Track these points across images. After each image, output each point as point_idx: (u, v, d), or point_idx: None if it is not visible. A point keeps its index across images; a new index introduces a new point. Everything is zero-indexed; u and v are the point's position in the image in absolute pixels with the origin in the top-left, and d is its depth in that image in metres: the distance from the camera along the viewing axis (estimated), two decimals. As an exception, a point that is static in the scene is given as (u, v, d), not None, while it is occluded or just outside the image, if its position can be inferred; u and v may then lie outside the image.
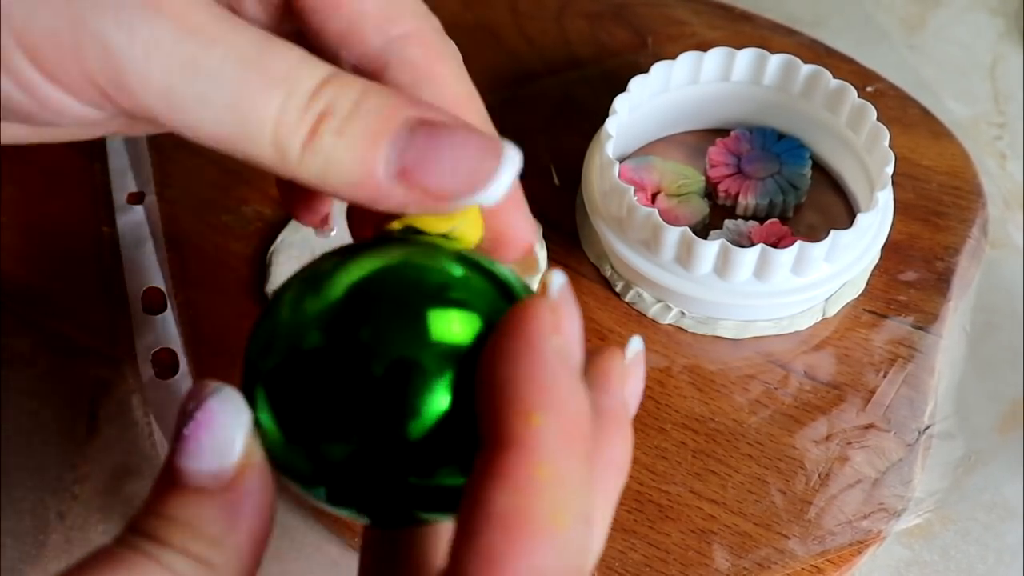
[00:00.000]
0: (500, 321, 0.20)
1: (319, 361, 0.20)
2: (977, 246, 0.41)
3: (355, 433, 0.20)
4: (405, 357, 0.20)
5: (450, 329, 0.20)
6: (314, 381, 0.20)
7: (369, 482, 0.20)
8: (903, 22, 0.51)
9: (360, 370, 0.20)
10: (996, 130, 0.47)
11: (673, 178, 0.42)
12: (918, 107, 0.45)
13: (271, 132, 0.21)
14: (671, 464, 0.36)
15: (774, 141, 0.43)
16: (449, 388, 0.20)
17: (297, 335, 0.21)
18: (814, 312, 0.39)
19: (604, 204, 0.39)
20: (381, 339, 0.20)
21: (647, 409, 0.37)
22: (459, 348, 0.20)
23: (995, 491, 0.37)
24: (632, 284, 0.39)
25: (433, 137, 0.21)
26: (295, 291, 0.22)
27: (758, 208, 0.41)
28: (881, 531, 0.34)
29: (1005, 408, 0.39)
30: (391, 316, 0.20)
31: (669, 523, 0.35)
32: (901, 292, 0.40)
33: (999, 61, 0.49)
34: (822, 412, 0.37)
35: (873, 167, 0.39)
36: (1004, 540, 0.36)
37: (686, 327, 0.39)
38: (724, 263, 0.36)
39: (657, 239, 0.36)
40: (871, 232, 0.38)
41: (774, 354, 0.39)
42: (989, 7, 0.52)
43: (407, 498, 0.21)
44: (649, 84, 0.40)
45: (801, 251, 0.36)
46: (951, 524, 0.36)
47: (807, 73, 0.40)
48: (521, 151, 0.22)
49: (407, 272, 0.21)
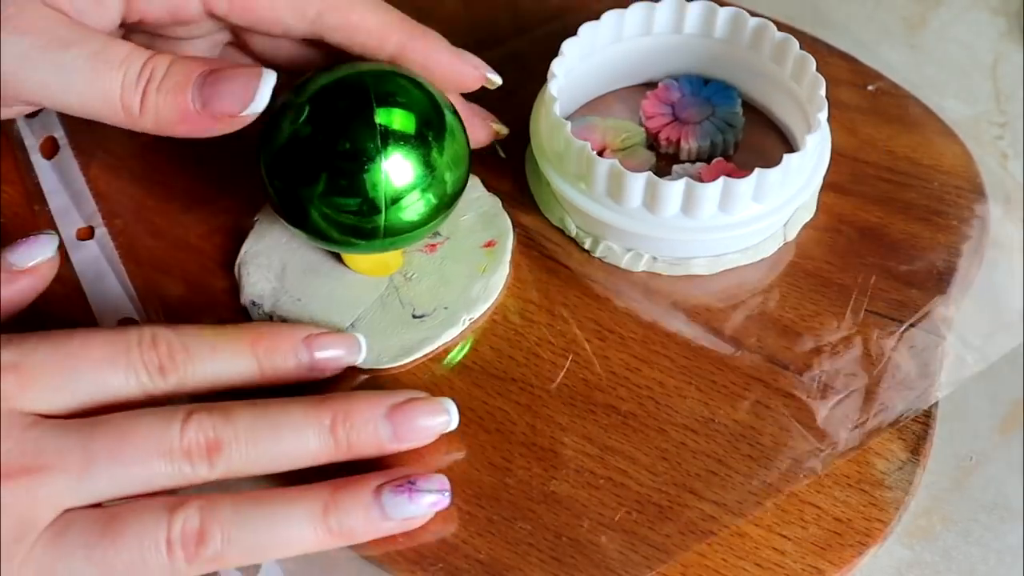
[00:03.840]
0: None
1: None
2: (978, 246, 0.41)
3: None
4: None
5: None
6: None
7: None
8: (904, 21, 0.51)
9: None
10: (997, 129, 0.47)
11: (615, 134, 0.44)
12: (919, 106, 0.45)
13: (118, 99, 0.33)
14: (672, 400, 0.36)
15: (701, 86, 0.45)
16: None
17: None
18: (776, 238, 0.41)
19: (559, 162, 0.40)
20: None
21: (648, 410, 0.37)
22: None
23: (996, 491, 0.37)
24: (600, 238, 0.40)
25: (217, 80, 0.34)
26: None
27: (700, 150, 0.43)
28: (886, 429, 0.36)
29: (1005, 408, 0.39)
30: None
31: (668, 524, 0.35)
32: (901, 291, 0.40)
33: (1000, 60, 0.49)
34: (806, 329, 0.38)
35: (812, 113, 0.40)
36: (1005, 541, 0.36)
37: (660, 271, 0.40)
38: (659, 196, 0.38)
39: (590, 172, 0.38)
40: (811, 162, 0.40)
41: (748, 282, 0.40)
42: (990, 6, 0.52)
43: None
44: (600, 33, 0.42)
45: (760, 177, 0.37)
46: (952, 525, 0.36)
47: (754, 26, 0.42)
48: (276, 72, 0.35)
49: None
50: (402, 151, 0.35)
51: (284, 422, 0.32)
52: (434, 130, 0.35)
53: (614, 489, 0.35)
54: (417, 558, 0.34)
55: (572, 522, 0.34)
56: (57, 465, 0.29)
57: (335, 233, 0.36)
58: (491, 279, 0.39)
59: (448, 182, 0.36)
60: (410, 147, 0.35)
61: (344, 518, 0.32)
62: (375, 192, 0.34)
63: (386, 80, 0.35)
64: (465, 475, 0.35)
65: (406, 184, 0.35)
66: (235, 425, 0.31)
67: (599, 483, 0.35)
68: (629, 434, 0.36)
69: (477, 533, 0.34)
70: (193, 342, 0.33)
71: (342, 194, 0.35)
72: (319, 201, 0.35)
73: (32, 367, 0.31)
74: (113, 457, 0.30)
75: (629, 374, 0.38)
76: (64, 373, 0.31)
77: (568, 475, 0.35)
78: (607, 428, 0.36)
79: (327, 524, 0.31)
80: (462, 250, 0.40)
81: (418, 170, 0.35)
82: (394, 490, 0.32)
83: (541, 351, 0.38)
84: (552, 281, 0.40)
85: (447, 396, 0.36)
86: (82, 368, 0.31)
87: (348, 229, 0.35)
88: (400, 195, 0.35)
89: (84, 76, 0.33)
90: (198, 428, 0.31)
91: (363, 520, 0.32)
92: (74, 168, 0.43)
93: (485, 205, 0.42)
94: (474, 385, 0.38)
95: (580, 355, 0.38)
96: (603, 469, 0.36)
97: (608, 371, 0.38)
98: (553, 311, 0.39)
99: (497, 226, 0.41)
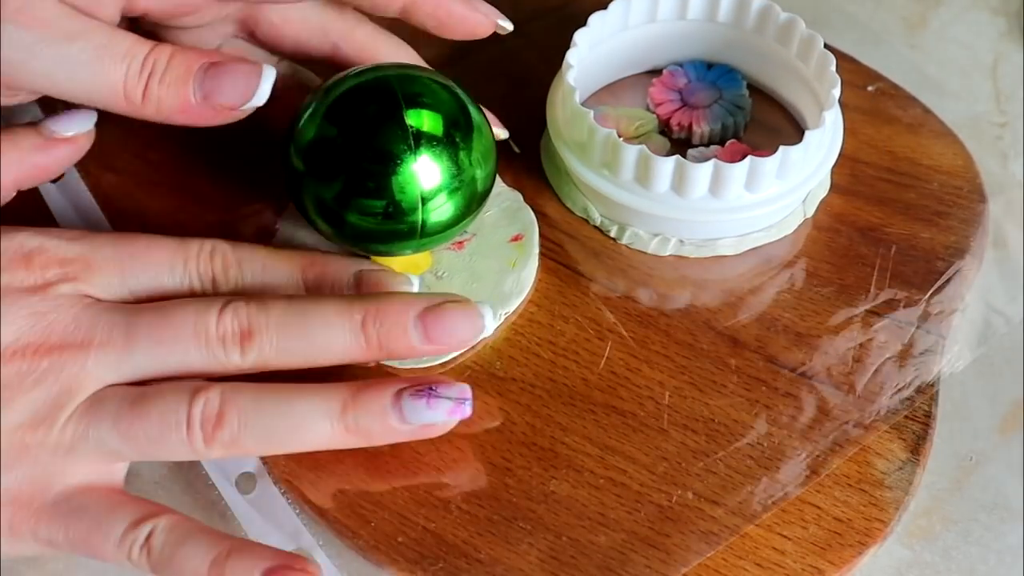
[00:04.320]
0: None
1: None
2: (978, 246, 0.41)
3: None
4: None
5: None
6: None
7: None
8: (904, 21, 0.51)
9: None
10: (997, 129, 0.47)
11: (629, 122, 0.44)
12: (919, 106, 0.45)
13: (122, 90, 0.34)
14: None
15: (705, 71, 0.45)
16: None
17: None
18: (797, 214, 0.41)
19: (581, 151, 0.40)
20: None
21: (648, 410, 0.37)
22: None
23: (996, 491, 0.37)
24: (626, 225, 0.41)
25: (219, 72, 0.35)
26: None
27: (712, 133, 0.43)
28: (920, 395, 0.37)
29: (1005, 408, 0.39)
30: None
31: (668, 524, 0.35)
32: (902, 292, 0.40)
33: (1000, 60, 0.49)
34: (806, 329, 0.39)
35: (821, 91, 0.41)
36: (1005, 541, 0.36)
37: (687, 254, 0.41)
38: (682, 179, 0.39)
39: (616, 159, 0.39)
40: (828, 138, 0.41)
41: (774, 258, 0.41)
42: (990, 6, 0.52)
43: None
44: (608, 21, 0.42)
45: (784, 155, 0.38)
46: (952, 525, 0.36)
47: (759, 8, 0.43)
48: (276, 70, 0.36)
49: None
50: (432, 152, 0.35)
51: (316, 316, 0.33)
52: (462, 130, 0.36)
53: (614, 489, 0.35)
54: (417, 558, 0.34)
55: (572, 522, 0.34)
56: (106, 342, 0.32)
57: (369, 236, 0.36)
58: (522, 272, 0.40)
59: (478, 179, 0.36)
60: (440, 147, 0.35)
61: (362, 417, 0.32)
62: (409, 194, 0.35)
63: (411, 82, 0.36)
64: (465, 475, 0.36)
65: (438, 184, 0.35)
66: (268, 315, 0.33)
67: (599, 483, 0.35)
68: (629, 434, 0.36)
69: (477, 533, 0.34)
70: (247, 257, 0.35)
71: (375, 197, 0.35)
72: (352, 205, 0.35)
73: (99, 260, 0.34)
74: (153, 337, 0.32)
75: (629, 374, 0.38)
76: (125, 270, 0.34)
77: (568, 475, 0.35)
78: (607, 428, 0.36)
79: (344, 421, 0.32)
80: (490, 246, 0.40)
81: (449, 170, 0.35)
82: (414, 394, 0.33)
83: (541, 351, 0.38)
84: (552, 281, 0.40)
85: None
86: (142, 267, 0.34)
87: (382, 232, 0.35)
88: (432, 196, 0.35)
89: (89, 68, 0.34)
90: (234, 315, 0.32)
91: (380, 421, 0.33)
92: (82, 189, 0.43)
93: (507, 200, 0.42)
94: (474, 385, 0.37)
95: (580, 355, 0.38)
96: (603, 469, 0.36)
97: (608, 371, 0.38)
98: (553, 311, 0.39)
99: (521, 220, 0.41)
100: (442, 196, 0.35)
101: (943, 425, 0.37)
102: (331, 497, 0.35)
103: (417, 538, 0.34)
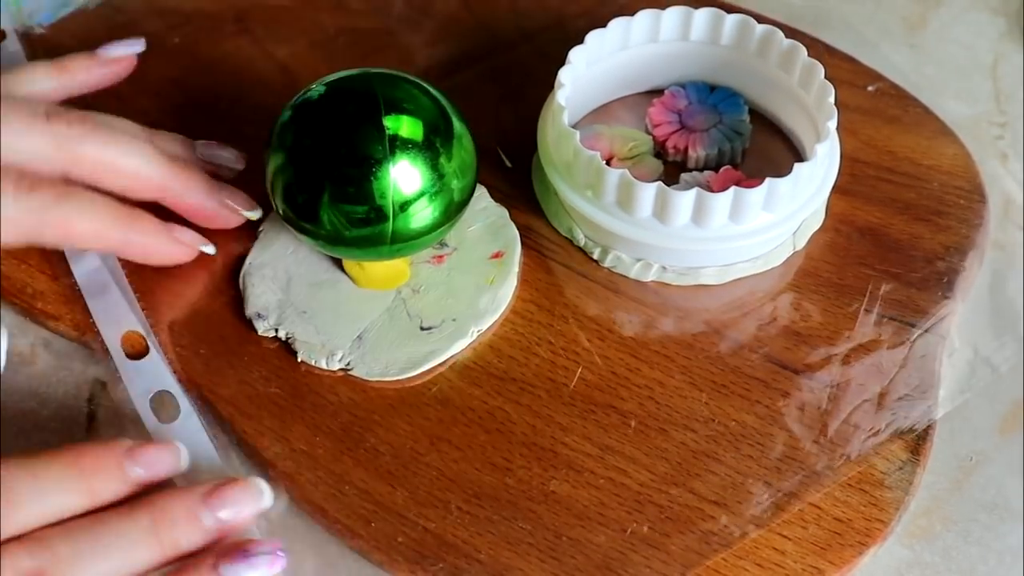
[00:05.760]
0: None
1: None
2: (979, 246, 0.41)
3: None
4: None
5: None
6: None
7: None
8: (904, 21, 0.51)
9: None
10: (997, 129, 0.47)
11: (623, 142, 0.43)
12: (919, 106, 0.45)
13: None
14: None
15: (707, 93, 0.45)
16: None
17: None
18: (785, 247, 0.40)
19: (567, 172, 0.40)
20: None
21: (648, 410, 0.37)
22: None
23: (996, 492, 0.37)
24: (609, 248, 0.40)
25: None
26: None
27: (708, 158, 0.43)
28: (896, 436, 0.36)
29: (1005, 408, 0.39)
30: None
31: (668, 524, 0.35)
32: (902, 292, 0.40)
33: (1000, 60, 0.49)
34: (819, 338, 0.38)
35: (819, 121, 0.40)
36: (1005, 541, 0.36)
37: (669, 281, 0.40)
38: (665, 206, 0.38)
39: (599, 182, 0.38)
40: (821, 171, 0.40)
41: (758, 291, 0.40)
42: (990, 6, 0.52)
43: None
44: (606, 40, 0.42)
45: (770, 187, 0.37)
46: (952, 525, 0.36)
47: (761, 33, 0.42)
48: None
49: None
50: (410, 158, 0.35)
51: (104, 532, 0.31)
52: (442, 137, 0.35)
53: (614, 489, 0.35)
54: (417, 558, 0.34)
55: (572, 522, 0.34)
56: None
57: (343, 240, 0.36)
58: (499, 291, 0.39)
59: (455, 189, 0.36)
60: (418, 154, 0.35)
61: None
62: (383, 199, 0.35)
63: (394, 86, 0.36)
64: (465, 475, 0.36)
65: (414, 191, 0.35)
66: (53, 549, 0.30)
67: (599, 483, 0.35)
68: (629, 434, 0.36)
69: (477, 533, 0.34)
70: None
71: (350, 201, 0.35)
72: (327, 207, 0.35)
73: None
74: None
75: (629, 374, 0.38)
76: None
77: (568, 475, 0.35)
78: (607, 428, 0.36)
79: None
80: (470, 261, 0.40)
81: (426, 177, 0.35)
82: (230, 560, 0.31)
83: (541, 351, 0.38)
84: (552, 281, 0.40)
85: (448, 396, 0.36)
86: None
87: (356, 236, 0.35)
88: (408, 202, 0.35)
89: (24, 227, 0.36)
90: (12, 565, 0.29)
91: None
92: None
93: (492, 215, 0.41)
94: (474, 385, 0.38)
95: (580, 355, 0.38)
96: (603, 469, 0.36)
97: (608, 371, 0.38)
98: (554, 311, 0.39)
99: (505, 237, 0.41)
100: (419, 203, 0.35)
101: (943, 425, 0.37)
102: (331, 497, 0.35)
103: (417, 538, 0.34)
